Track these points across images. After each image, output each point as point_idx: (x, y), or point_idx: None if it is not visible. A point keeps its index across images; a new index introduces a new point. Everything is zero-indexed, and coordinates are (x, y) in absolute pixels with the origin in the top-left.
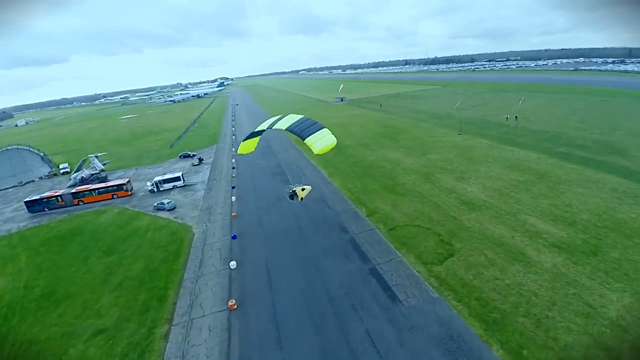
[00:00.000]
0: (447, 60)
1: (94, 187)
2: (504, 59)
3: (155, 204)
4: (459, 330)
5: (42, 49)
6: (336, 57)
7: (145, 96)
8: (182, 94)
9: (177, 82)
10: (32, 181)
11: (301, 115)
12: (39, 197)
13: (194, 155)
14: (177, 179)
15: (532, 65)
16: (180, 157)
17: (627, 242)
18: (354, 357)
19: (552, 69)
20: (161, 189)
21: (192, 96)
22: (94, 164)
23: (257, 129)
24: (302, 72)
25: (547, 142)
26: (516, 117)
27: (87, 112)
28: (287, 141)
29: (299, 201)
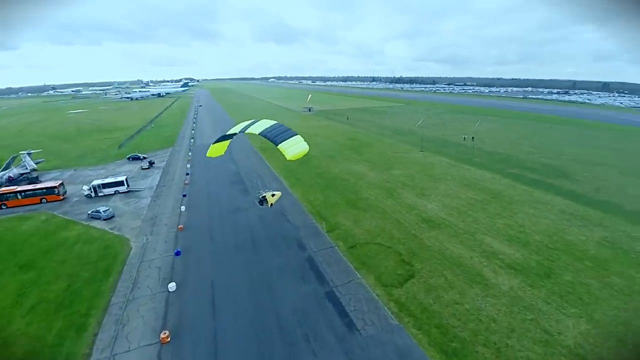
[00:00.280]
0: (411, 80)
1: (19, 189)
2: (462, 84)
3: (89, 212)
4: None
5: None
6: (307, 68)
7: (100, 91)
8: (141, 91)
9: (138, 79)
10: None
11: (274, 120)
12: None
13: (144, 157)
14: (120, 183)
15: (487, 91)
16: (128, 159)
17: (578, 265)
18: None
19: (504, 95)
20: (100, 194)
21: (153, 94)
22: (24, 162)
23: (229, 132)
24: (272, 79)
25: (501, 163)
26: (472, 137)
27: (31, 104)
28: (249, 148)
29: (269, 207)
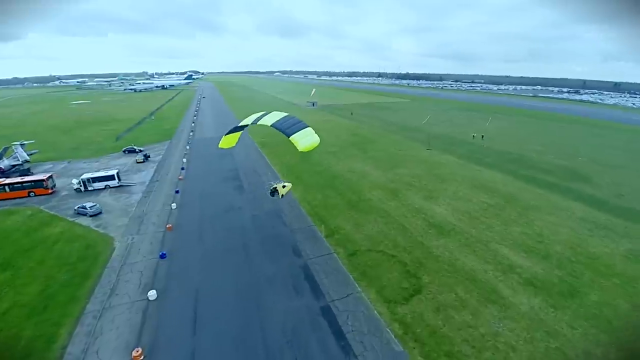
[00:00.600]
0: (417, 76)
1: (7, 182)
2: (470, 81)
3: (75, 207)
4: None
5: None
6: (312, 63)
7: (104, 82)
8: (145, 83)
9: (143, 71)
10: None
11: (285, 112)
12: None
13: (140, 150)
14: (111, 177)
15: (495, 88)
16: (124, 151)
17: (604, 282)
18: None
19: (513, 93)
20: (90, 189)
21: (157, 87)
22: (17, 153)
23: (241, 124)
24: (276, 73)
25: (513, 164)
26: (482, 136)
27: (36, 94)
28: (250, 142)
29: (280, 198)
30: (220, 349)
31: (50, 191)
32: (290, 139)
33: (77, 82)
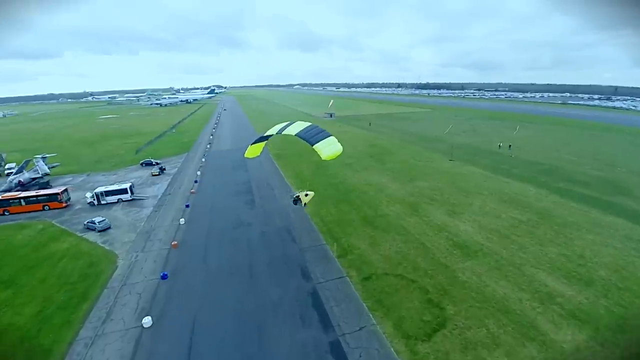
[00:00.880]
0: (438, 86)
1: (22, 195)
2: (493, 89)
3: (85, 222)
4: None
5: (34, 43)
6: (331, 75)
7: (133, 97)
8: (170, 97)
9: (170, 87)
10: None
11: (308, 122)
12: None
13: (156, 163)
14: (124, 191)
15: (520, 96)
16: (141, 164)
17: None
18: None
19: (541, 101)
20: (103, 202)
21: (181, 101)
22: (37, 166)
23: (266, 134)
24: (296, 86)
25: (545, 175)
26: (509, 145)
27: (69, 109)
28: (264, 154)
29: (303, 206)
30: None
31: (64, 205)
32: (314, 147)
33: (108, 97)
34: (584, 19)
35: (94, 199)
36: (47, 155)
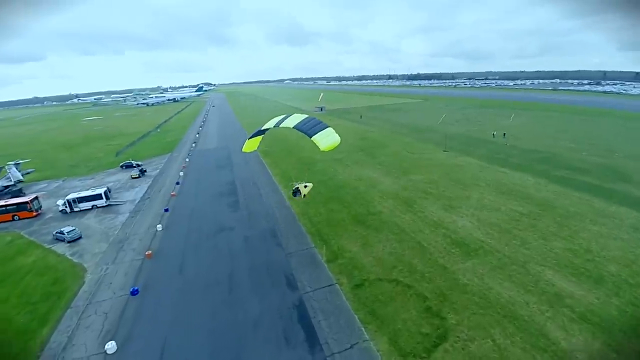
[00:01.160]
0: (429, 76)
1: None
2: (483, 78)
3: (54, 233)
4: None
5: (18, 46)
6: (322, 69)
7: (120, 98)
8: (157, 97)
9: (158, 85)
10: None
11: (305, 115)
12: None
13: (137, 165)
14: (98, 197)
15: (511, 84)
16: (121, 167)
17: None
18: None
19: (531, 88)
20: (76, 209)
21: (168, 100)
22: (10, 173)
23: (263, 128)
24: (287, 81)
25: (543, 164)
26: (504, 134)
27: (53, 112)
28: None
29: (302, 198)
30: None
31: (35, 214)
32: (312, 139)
33: (94, 99)
34: (569, 6)
35: (66, 207)
36: (21, 160)
